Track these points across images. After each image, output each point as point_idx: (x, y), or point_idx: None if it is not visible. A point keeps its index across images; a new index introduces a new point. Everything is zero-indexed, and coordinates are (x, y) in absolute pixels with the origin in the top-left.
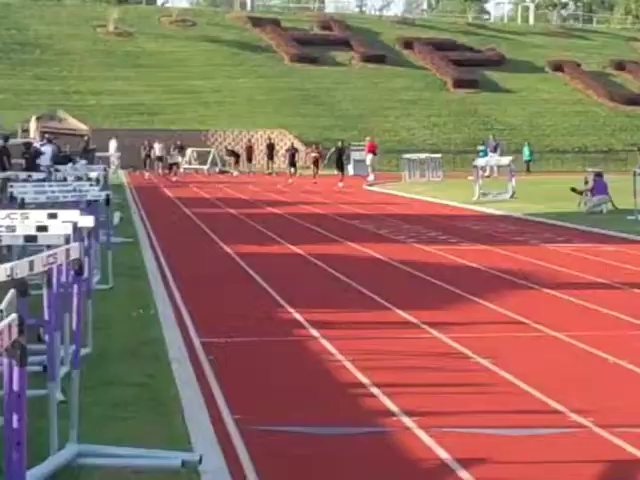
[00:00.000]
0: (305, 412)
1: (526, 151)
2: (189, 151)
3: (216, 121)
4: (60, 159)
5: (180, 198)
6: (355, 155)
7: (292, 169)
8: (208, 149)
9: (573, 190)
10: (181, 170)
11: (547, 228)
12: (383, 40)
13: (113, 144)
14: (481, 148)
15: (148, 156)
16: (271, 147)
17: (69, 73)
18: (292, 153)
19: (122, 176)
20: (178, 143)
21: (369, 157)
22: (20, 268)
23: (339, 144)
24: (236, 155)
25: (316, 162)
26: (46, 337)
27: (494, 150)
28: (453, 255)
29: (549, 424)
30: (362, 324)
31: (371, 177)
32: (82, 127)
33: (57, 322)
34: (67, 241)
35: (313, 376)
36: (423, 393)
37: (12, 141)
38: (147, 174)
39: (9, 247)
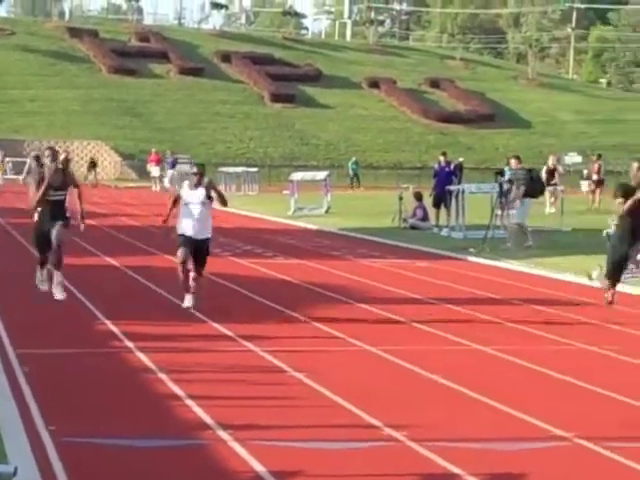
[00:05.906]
0: (120, 424)
1: (352, 166)
2: (7, 160)
3: (33, 131)
4: None
5: None
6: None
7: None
8: (25, 159)
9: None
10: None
11: (361, 243)
12: (201, 53)
13: None
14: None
15: None
16: (93, 163)
17: None
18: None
19: None
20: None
21: (155, 169)
22: None
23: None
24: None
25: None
26: None
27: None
28: (268, 269)
29: (364, 437)
30: (178, 337)
31: (156, 188)
32: None
33: None
34: None
35: (128, 388)
36: (239, 406)
37: None
38: None
39: None
